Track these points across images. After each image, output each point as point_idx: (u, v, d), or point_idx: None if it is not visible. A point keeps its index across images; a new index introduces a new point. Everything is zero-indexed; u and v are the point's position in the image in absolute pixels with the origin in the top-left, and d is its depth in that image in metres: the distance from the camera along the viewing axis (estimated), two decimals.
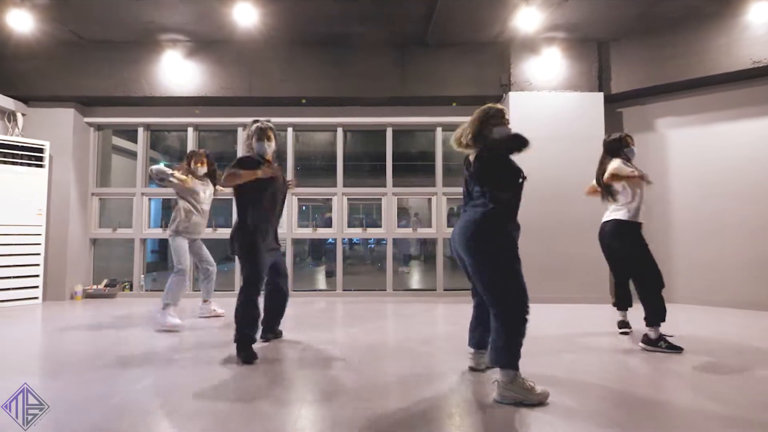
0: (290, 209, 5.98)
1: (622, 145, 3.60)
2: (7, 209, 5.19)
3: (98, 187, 6.09)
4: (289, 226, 5.96)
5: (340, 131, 6.08)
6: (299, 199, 6.20)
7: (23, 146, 5.33)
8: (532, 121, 5.37)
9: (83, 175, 5.91)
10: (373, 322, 4.33)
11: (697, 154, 5.28)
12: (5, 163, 5.19)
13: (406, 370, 2.79)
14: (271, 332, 3.49)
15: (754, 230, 4.92)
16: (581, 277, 5.16)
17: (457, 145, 2.60)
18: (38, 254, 5.41)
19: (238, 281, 5.87)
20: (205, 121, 6.00)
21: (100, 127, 6.12)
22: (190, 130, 6.06)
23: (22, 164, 5.30)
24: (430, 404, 2.26)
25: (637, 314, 3.48)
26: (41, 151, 5.45)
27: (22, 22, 4.72)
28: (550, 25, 5.13)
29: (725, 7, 4.69)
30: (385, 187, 6.04)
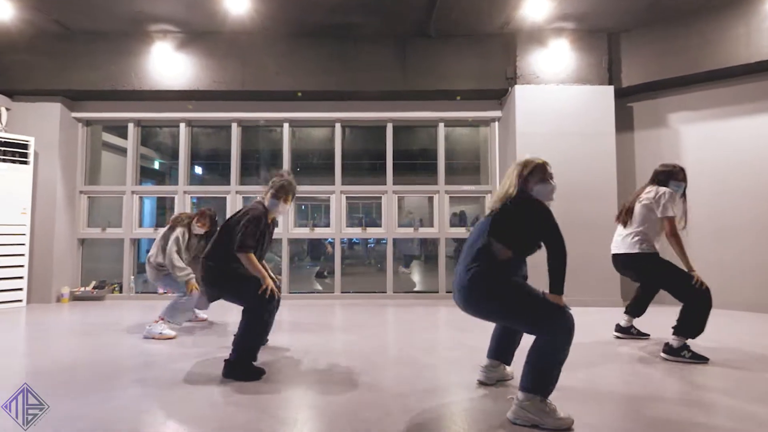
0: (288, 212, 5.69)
1: (669, 177, 3.21)
2: None
3: (87, 185, 5.80)
4: (285, 226, 5.68)
5: (338, 127, 5.79)
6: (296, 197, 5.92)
7: (7, 142, 5.04)
8: (538, 115, 5.10)
9: (71, 172, 5.62)
10: (372, 327, 4.05)
11: (711, 150, 5.00)
12: None
13: (408, 384, 2.51)
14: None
15: None
16: (591, 279, 4.88)
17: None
18: (22, 255, 5.13)
19: None
20: (197, 116, 5.72)
21: (88, 122, 5.83)
22: (182, 125, 5.77)
23: (5, 161, 5.02)
24: (435, 424, 1.99)
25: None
26: (26, 147, 5.17)
27: (3, 11, 4.45)
28: (558, 15, 4.85)
29: None
30: (385, 185, 5.77)
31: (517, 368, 2.61)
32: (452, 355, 3.15)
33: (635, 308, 3.57)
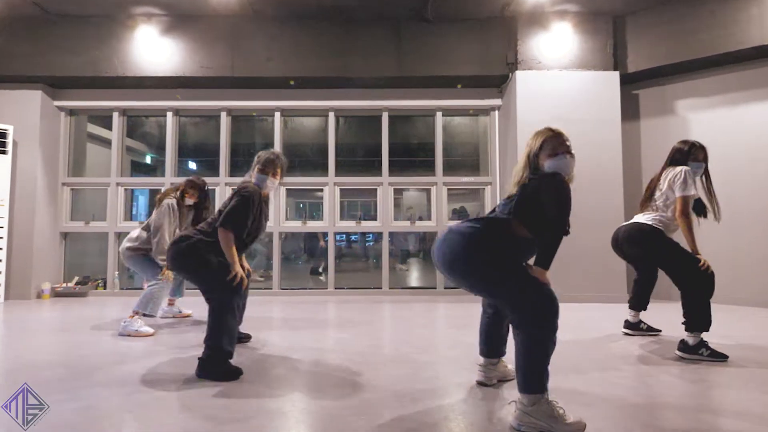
0: (278, 202, 5.41)
1: (687, 155, 2.89)
2: None
3: (70, 176, 5.51)
4: (276, 219, 5.39)
5: (331, 116, 5.50)
6: (287, 190, 5.63)
7: None
8: (540, 102, 4.81)
9: (53, 163, 5.33)
10: (366, 325, 3.75)
11: (722, 138, 4.69)
12: None
13: (402, 385, 2.23)
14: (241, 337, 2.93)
15: None
16: (596, 273, 4.59)
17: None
18: (0, 249, 4.84)
19: None
20: (185, 104, 5.42)
21: (72, 111, 5.54)
22: (169, 115, 5.48)
23: None
24: (431, 429, 1.71)
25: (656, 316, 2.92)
26: (4, 135, 4.87)
27: None
28: None
29: None
30: (380, 176, 5.48)
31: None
32: (450, 353, 2.85)
33: (638, 302, 3.28)
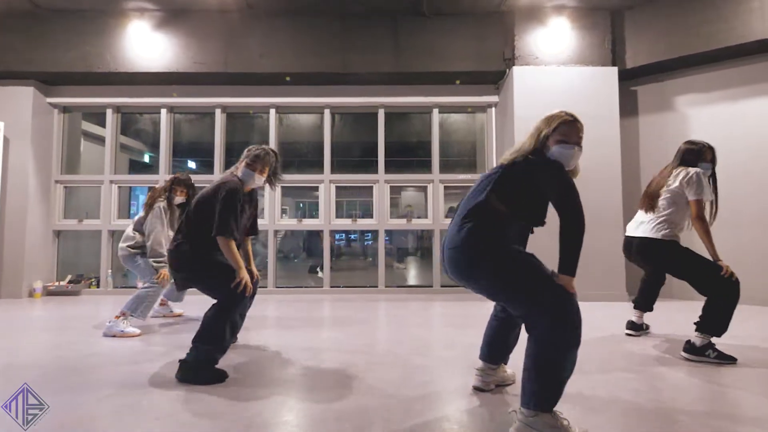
0: (273, 200, 5.23)
1: (697, 156, 2.75)
2: None
3: (64, 174, 5.32)
4: (271, 217, 5.21)
5: (327, 113, 5.32)
6: (284, 188, 5.45)
7: None
8: (538, 98, 4.63)
9: (46, 160, 5.14)
10: (361, 324, 3.57)
11: (721, 135, 4.49)
12: None
13: (395, 389, 2.05)
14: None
15: None
16: (596, 271, 4.42)
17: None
18: None
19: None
20: (179, 101, 5.23)
21: (66, 108, 5.35)
22: (163, 111, 5.29)
23: None
24: None
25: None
26: None
27: None
28: None
29: None
30: (376, 174, 5.30)
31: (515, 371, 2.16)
32: (446, 355, 2.67)
33: (645, 302, 3.11)
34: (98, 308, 4.25)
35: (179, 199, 3.44)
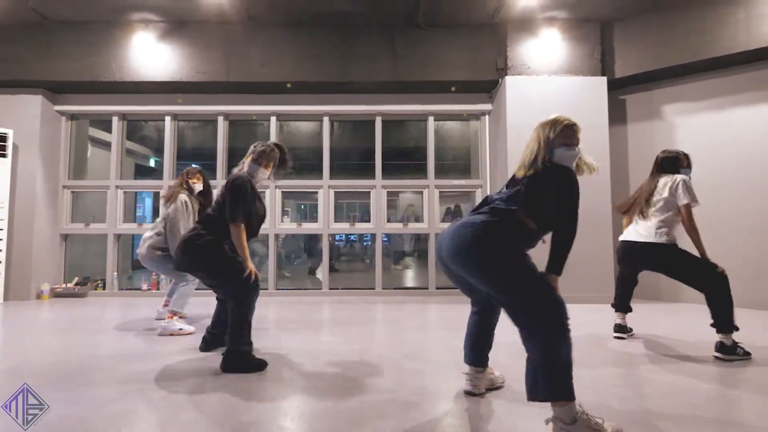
0: (274, 205, 5.26)
1: (676, 163, 2.87)
2: None
3: (71, 179, 5.35)
4: (271, 221, 5.23)
5: (326, 121, 5.35)
6: (285, 192, 5.47)
7: None
8: (530, 107, 4.65)
9: (53, 166, 5.17)
10: (357, 326, 3.59)
11: (708, 143, 4.55)
12: None
13: (389, 393, 2.07)
14: (213, 344, 2.78)
15: (765, 224, 4.21)
16: (584, 275, 4.44)
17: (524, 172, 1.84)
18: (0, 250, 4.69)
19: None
20: (183, 109, 5.26)
21: (73, 116, 5.38)
22: (167, 119, 5.33)
23: None
24: None
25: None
26: (3, 139, 4.71)
27: None
28: (549, 3, 4.42)
29: None
30: (373, 179, 5.32)
31: (503, 373, 2.18)
32: (439, 359, 2.69)
33: (624, 304, 3.16)
34: (104, 310, 4.28)
35: (198, 186, 3.54)
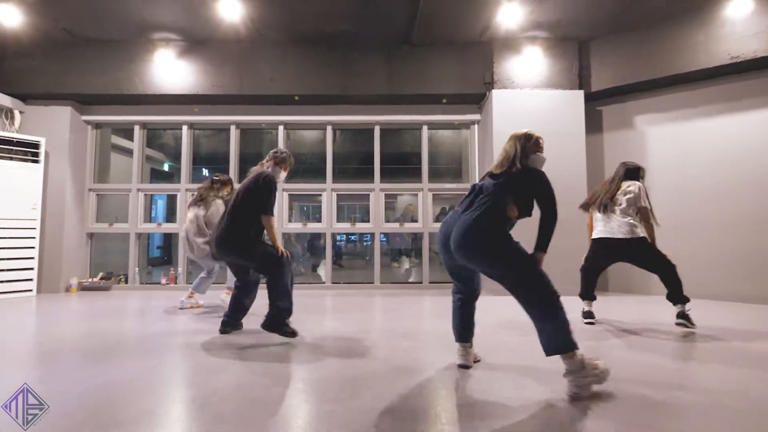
0: (281, 206, 5.58)
1: (637, 173, 3.41)
2: (1, 203, 4.78)
3: (96, 183, 5.68)
4: (279, 221, 5.55)
5: (329, 129, 5.69)
6: (291, 195, 5.79)
7: (19, 142, 4.93)
8: (514, 117, 4.99)
9: (80, 171, 5.50)
10: (357, 313, 3.91)
11: (676, 150, 4.89)
12: (0, 158, 4.78)
13: (385, 364, 2.39)
14: (231, 326, 3.11)
15: (728, 225, 4.54)
16: (559, 270, 4.74)
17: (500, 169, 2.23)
18: (32, 248, 5.00)
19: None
20: (199, 119, 5.60)
21: (98, 125, 5.71)
22: (185, 128, 5.66)
23: (18, 159, 4.90)
24: (418, 403, 1.87)
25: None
26: (36, 147, 5.05)
27: (16, 20, 4.33)
28: (531, 23, 4.76)
29: (704, 1, 4.32)
30: (372, 183, 5.65)
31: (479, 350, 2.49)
32: (429, 338, 3.01)
33: (591, 292, 3.53)
34: (126, 301, 4.59)
35: (228, 195, 3.99)
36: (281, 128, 5.66)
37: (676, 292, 3.18)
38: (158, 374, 2.21)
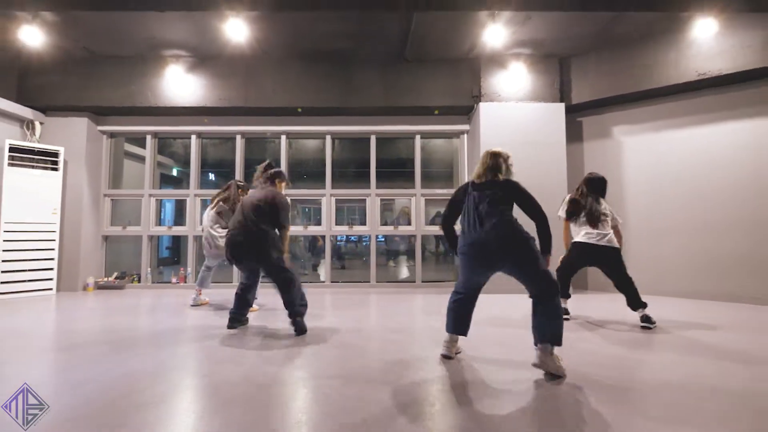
0: None
1: (605, 186, 3.74)
2: (23, 208, 5.00)
3: (110, 188, 5.90)
4: None
5: (328, 138, 5.91)
6: (293, 200, 6.02)
7: (39, 151, 5.15)
8: (500, 128, 5.22)
9: (96, 178, 5.72)
10: (354, 310, 4.14)
11: (649, 159, 5.12)
12: (22, 166, 5.01)
13: (376, 356, 2.61)
14: (238, 322, 3.34)
15: (698, 229, 4.77)
16: None
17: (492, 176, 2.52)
18: (52, 249, 5.22)
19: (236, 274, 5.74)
20: (206, 129, 5.82)
21: (112, 134, 5.93)
22: (193, 137, 5.88)
23: (38, 167, 5.12)
24: (413, 392, 2.09)
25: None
26: (56, 155, 5.27)
27: (38, 39, 4.54)
28: (516, 41, 4.98)
29: (674, 23, 4.54)
30: (368, 188, 5.87)
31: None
32: (418, 333, 3.24)
33: (566, 291, 3.76)
34: (140, 299, 4.81)
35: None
36: (284, 137, 5.88)
37: (634, 299, 3.44)
38: (173, 364, 2.43)
